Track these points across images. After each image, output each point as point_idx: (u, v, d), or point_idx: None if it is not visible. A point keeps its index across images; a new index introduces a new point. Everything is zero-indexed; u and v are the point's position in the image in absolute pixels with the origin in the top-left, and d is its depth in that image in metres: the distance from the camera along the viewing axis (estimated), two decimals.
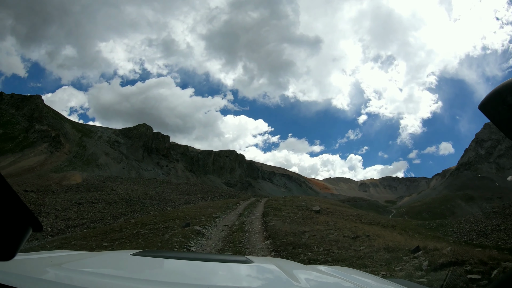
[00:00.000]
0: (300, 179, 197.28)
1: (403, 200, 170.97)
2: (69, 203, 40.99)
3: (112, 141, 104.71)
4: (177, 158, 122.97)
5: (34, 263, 1.55)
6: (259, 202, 27.44)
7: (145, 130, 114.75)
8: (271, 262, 2.14)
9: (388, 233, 11.66)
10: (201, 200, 67.87)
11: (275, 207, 19.50)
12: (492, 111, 0.95)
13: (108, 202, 46.21)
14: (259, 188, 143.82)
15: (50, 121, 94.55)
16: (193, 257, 2.22)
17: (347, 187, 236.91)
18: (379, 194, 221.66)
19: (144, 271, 1.72)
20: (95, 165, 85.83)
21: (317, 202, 25.63)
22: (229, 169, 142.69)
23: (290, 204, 21.01)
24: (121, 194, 54.84)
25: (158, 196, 58.15)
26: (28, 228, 0.92)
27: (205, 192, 79.63)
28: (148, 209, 45.21)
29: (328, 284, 1.74)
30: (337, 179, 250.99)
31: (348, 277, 1.81)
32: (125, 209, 42.31)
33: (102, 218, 36.80)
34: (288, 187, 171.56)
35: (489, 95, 0.95)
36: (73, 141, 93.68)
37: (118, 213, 39.82)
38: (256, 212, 18.39)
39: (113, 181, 69.23)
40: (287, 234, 10.39)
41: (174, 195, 64.37)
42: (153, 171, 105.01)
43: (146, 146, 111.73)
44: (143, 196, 55.71)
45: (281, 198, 33.16)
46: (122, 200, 48.48)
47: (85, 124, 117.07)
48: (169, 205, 51.92)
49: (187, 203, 57.65)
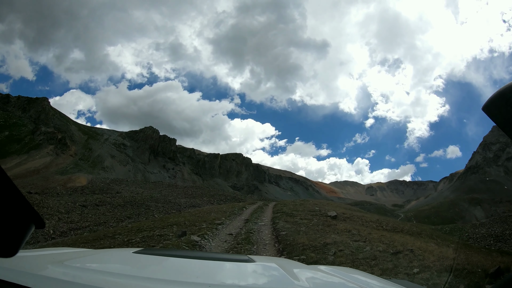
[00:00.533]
0: (306, 182, 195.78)
1: (410, 204, 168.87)
2: (73, 206, 40.15)
3: (118, 144, 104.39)
4: (183, 161, 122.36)
5: (37, 260, 1.56)
6: (267, 206, 25.81)
7: (152, 133, 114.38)
8: (273, 261, 2.17)
9: (426, 244, 9.96)
10: (207, 203, 66.82)
11: (285, 212, 17.88)
12: (496, 112, 0.95)
13: (113, 205, 45.33)
14: (265, 191, 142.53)
15: (57, 123, 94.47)
16: (196, 256, 2.20)
17: (354, 190, 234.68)
18: (386, 198, 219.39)
19: (146, 269, 1.72)
20: (100, 167, 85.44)
21: (331, 206, 23.93)
22: (235, 172, 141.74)
23: (301, 209, 19.29)
24: (126, 197, 54.06)
25: (164, 199, 57.23)
26: (30, 225, 0.92)
27: (211, 195, 78.60)
28: (153, 212, 44.23)
29: (329, 284, 1.75)
30: (344, 183, 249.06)
31: (350, 277, 1.82)
32: (129, 212, 41.37)
33: (106, 221, 35.85)
34: (294, 191, 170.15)
35: (492, 96, 0.95)
36: (79, 144, 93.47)
37: (122, 216, 38.86)
38: (265, 218, 16.75)
39: (118, 183, 68.58)
40: (305, 247, 8.63)
41: (179, 198, 63.42)
42: (159, 174, 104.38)
43: (153, 149, 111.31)
44: (148, 199, 54.84)
45: (291, 202, 31.13)
46: (127, 203, 47.58)
47: (91, 127, 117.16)
48: (175, 209, 50.97)
49: (193, 207, 56.66)
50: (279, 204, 27.24)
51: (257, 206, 26.16)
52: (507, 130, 0.94)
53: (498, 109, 0.94)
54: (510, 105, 0.90)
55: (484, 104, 0.96)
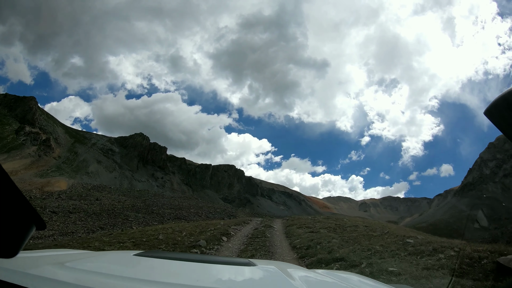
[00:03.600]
0: (299, 197, 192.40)
1: (404, 220, 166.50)
2: (41, 211, 36.39)
3: (106, 149, 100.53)
4: (173, 170, 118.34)
5: (37, 261, 1.56)
6: (271, 229, 16.45)
7: (142, 139, 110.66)
8: (274, 265, 2.14)
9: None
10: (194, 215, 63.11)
11: (315, 250, 9.88)
12: (498, 116, 0.94)
13: (88, 212, 41.63)
14: (257, 205, 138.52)
15: (43, 124, 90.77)
16: (196, 259, 2.18)
17: (347, 206, 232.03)
18: (379, 214, 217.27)
19: (146, 271, 1.71)
20: (84, 172, 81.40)
21: (360, 221, 18.95)
22: (227, 184, 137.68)
23: (340, 233, 12.62)
24: (106, 204, 50.22)
25: (146, 210, 53.43)
26: (31, 226, 0.92)
27: (199, 207, 74.81)
28: (131, 223, 40.50)
29: (328, 287, 1.77)
30: (337, 198, 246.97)
31: (351, 281, 1.89)
32: (104, 222, 37.71)
33: (75, 231, 32.20)
34: (287, 205, 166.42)
35: (495, 100, 0.94)
36: (64, 146, 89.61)
37: (94, 226, 35.17)
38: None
39: (100, 190, 64.75)
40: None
41: (164, 209, 59.68)
42: (147, 182, 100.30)
43: (142, 156, 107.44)
44: (129, 208, 51.08)
45: (303, 219, 21.46)
46: (103, 211, 43.86)
47: (79, 130, 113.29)
48: (156, 220, 47.30)
49: (178, 219, 52.99)
50: (291, 226, 17.07)
51: (253, 228, 16.84)
52: (509, 134, 0.94)
53: (500, 113, 0.93)
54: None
55: (486, 109, 0.95)
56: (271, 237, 13.86)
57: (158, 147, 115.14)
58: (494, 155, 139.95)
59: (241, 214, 77.71)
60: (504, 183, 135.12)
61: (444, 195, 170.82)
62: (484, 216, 3.79)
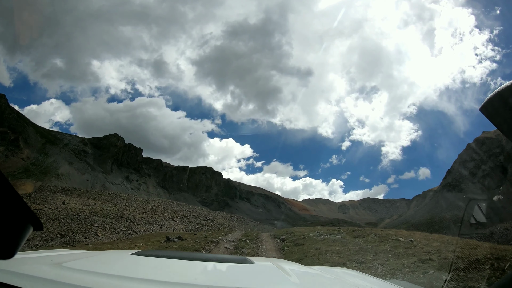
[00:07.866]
0: (279, 199, 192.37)
1: (384, 222, 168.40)
2: None
3: (79, 150, 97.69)
4: (149, 173, 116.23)
5: (35, 262, 1.58)
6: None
7: (116, 140, 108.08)
8: (271, 262, 2.20)
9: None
10: (169, 220, 61.74)
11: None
12: (493, 113, 0.95)
13: (50, 218, 39.87)
14: (236, 208, 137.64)
15: (12, 123, 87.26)
16: (193, 257, 2.22)
17: (326, 208, 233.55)
18: (359, 215, 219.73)
19: (144, 270, 1.72)
20: (54, 174, 78.72)
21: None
22: (205, 187, 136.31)
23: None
24: (72, 209, 48.18)
25: (116, 214, 51.60)
26: (28, 227, 0.91)
27: (174, 211, 73.15)
28: (96, 229, 38.97)
29: (324, 282, 1.80)
30: (316, 200, 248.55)
31: (347, 277, 1.93)
32: (65, 228, 36.10)
33: (31, 239, 30.75)
34: (266, 208, 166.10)
35: (490, 97, 0.94)
36: (34, 147, 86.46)
37: (54, 233, 33.60)
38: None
39: (69, 193, 62.31)
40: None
41: (136, 213, 57.87)
42: (121, 185, 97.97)
43: (116, 158, 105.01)
44: (97, 213, 49.21)
45: (309, 238, 13.82)
46: (67, 216, 42.06)
47: (51, 130, 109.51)
48: (126, 226, 45.82)
49: (149, 224, 51.60)
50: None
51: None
52: (504, 130, 0.94)
53: (495, 109, 0.93)
54: (507, 105, 0.90)
55: (482, 105, 0.95)
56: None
57: (134, 148, 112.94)
58: (472, 156, 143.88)
59: (218, 218, 76.51)
60: (483, 183, 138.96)
61: (423, 196, 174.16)
62: (481, 211, 3.63)
